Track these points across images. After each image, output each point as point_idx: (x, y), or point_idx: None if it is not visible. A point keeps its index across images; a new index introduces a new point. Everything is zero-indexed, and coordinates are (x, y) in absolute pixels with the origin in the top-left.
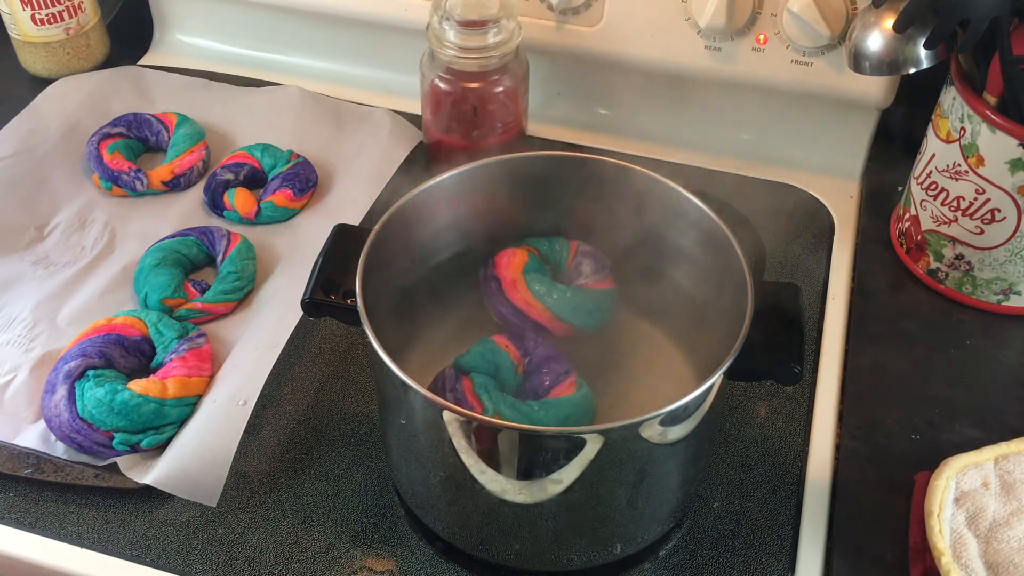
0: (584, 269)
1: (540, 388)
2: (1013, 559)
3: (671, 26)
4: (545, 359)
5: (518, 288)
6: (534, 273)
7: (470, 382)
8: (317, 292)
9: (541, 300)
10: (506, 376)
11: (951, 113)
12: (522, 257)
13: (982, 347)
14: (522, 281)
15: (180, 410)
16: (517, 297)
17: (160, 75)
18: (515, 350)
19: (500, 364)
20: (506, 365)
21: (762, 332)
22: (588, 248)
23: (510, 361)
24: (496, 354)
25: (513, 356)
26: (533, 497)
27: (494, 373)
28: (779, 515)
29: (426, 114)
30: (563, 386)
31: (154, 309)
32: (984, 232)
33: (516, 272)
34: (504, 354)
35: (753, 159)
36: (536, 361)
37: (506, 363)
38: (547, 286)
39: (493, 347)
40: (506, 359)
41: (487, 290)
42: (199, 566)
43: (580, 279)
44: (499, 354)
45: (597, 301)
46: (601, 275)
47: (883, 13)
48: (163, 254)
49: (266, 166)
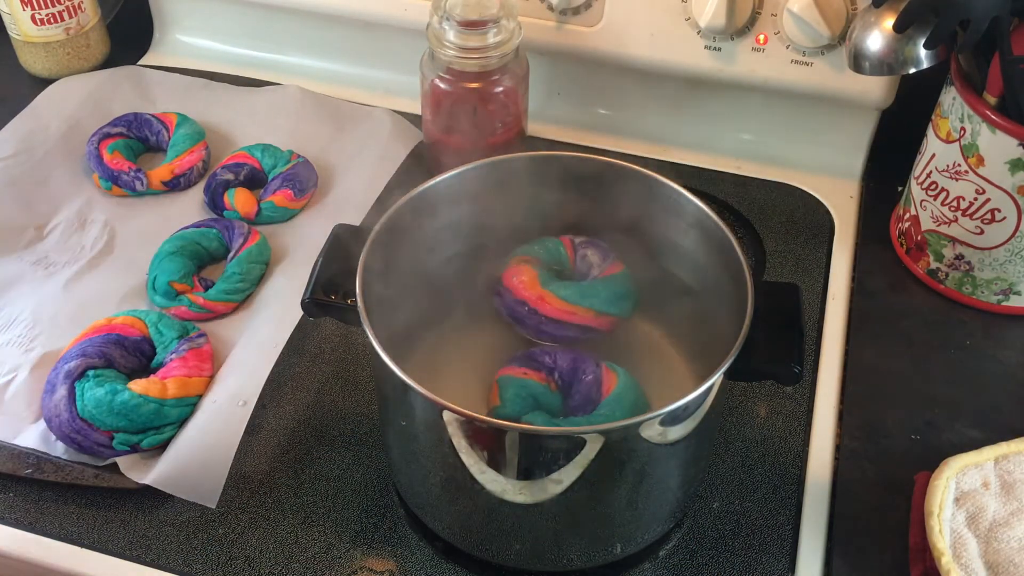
0: (592, 259)
1: (583, 394)
2: (1013, 559)
3: (671, 26)
4: (571, 366)
5: (549, 301)
6: (554, 283)
7: None
8: (317, 292)
9: (577, 303)
10: (547, 400)
11: (951, 113)
12: (531, 272)
13: (982, 347)
14: (549, 294)
15: (180, 410)
16: (552, 310)
17: (160, 75)
18: (536, 374)
19: (536, 394)
20: (540, 391)
21: (762, 332)
22: (583, 238)
23: (540, 387)
24: (526, 387)
25: (539, 380)
26: (533, 497)
27: (536, 407)
28: (779, 515)
29: (426, 114)
30: (605, 382)
31: (160, 292)
32: (984, 232)
33: (536, 288)
34: (532, 382)
35: (753, 159)
36: (565, 371)
37: (539, 389)
38: (573, 288)
39: (519, 382)
40: (536, 386)
41: (517, 315)
42: (199, 566)
43: (593, 270)
44: (528, 386)
45: (623, 284)
46: (610, 260)
47: (883, 13)
48: (182, 243)
49: (266, 166)
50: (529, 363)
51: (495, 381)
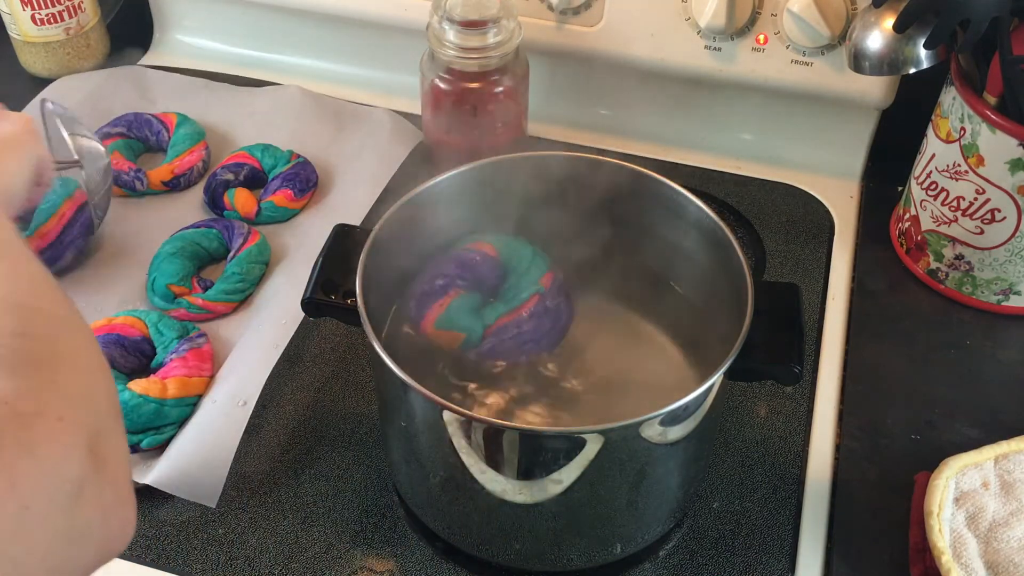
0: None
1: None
2: (1013, 559)
3: (671, 26)
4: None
5: None
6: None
7: None
8: (317, 292)
9: None
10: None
11: (951, 113)
12: None
13: (982, 347)
14: None
15: (180, 410)
16: None
17: (160, 75)
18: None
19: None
20: (467, 301)
21: (762, 332)
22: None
23: (466, 298)
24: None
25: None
26: (533, 497)
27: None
28: (779, 515)
29: (426, 114)
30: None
31: (159, 294)
32: (984, 232)
33: None
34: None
35: (753, 159)
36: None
37: (465, 301)
38: None
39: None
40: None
41: None
42: (199, 566)
43: None
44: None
45: None
46: None
47: (883, 13)
48: (182, 244)
49: (266, 166)
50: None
51: None
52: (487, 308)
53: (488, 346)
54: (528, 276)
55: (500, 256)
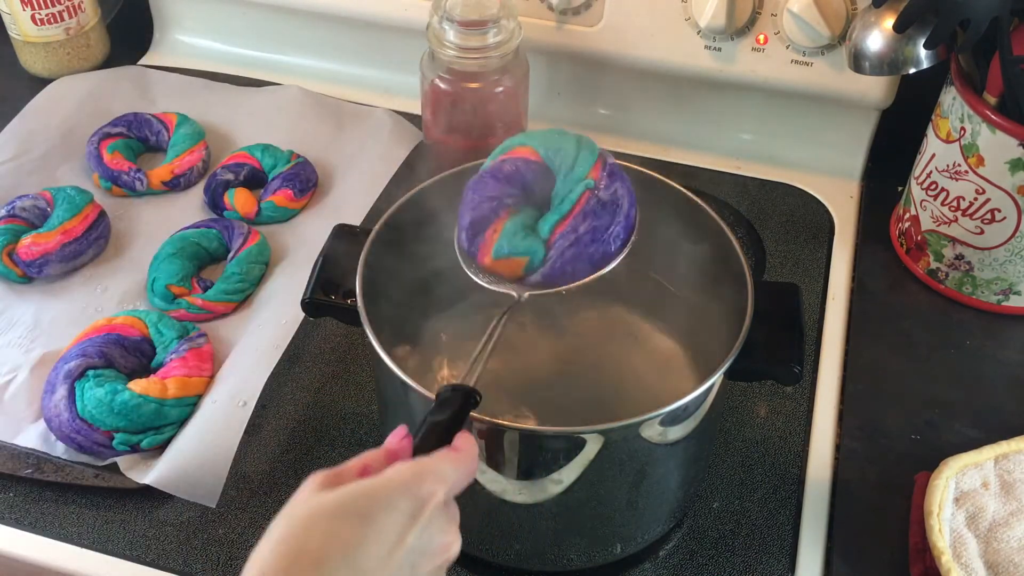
0: None
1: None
2: (1013, 559)
3: (671, 26)
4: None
5: None
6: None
7: None
8: (317, 292)
9: None
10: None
11: (951, 113)
12: None
13: (982, 347)
14: None
15: (180, 410)
16: None
17: (160, 75)
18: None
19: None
20: (522, 219)
21: (762, 332)
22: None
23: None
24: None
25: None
26: (533, 497)
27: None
28: (779, 515)
29: (426, 114)
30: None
31: (158, 295)
32: (984, 232)
33: None
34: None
35: (753, 159)
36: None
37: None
38: None
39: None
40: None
41: None
42: (199, 566)
43: None
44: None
45: None
46: None
47: (883, 13)
48: (182, 244)
49: (266, 166)
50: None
51: None
52: (542, 222)
53: (550, 265)
54: (574, 173)
55: (542, 157)
